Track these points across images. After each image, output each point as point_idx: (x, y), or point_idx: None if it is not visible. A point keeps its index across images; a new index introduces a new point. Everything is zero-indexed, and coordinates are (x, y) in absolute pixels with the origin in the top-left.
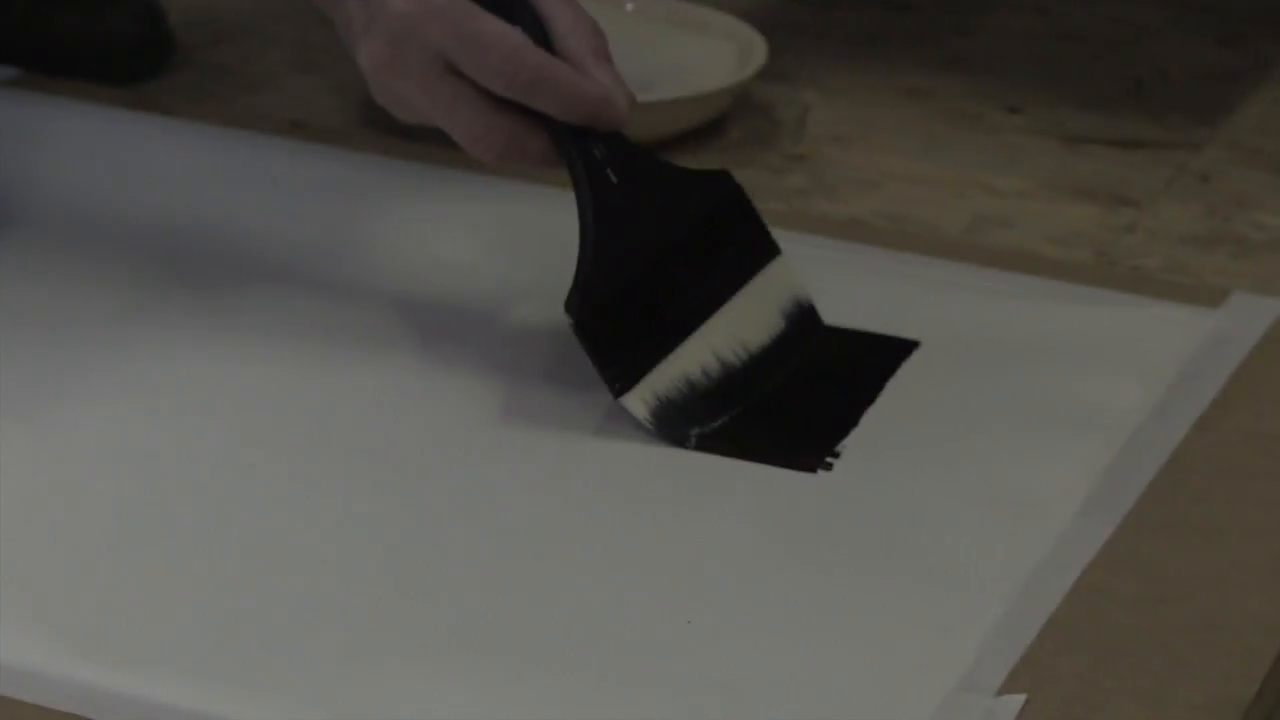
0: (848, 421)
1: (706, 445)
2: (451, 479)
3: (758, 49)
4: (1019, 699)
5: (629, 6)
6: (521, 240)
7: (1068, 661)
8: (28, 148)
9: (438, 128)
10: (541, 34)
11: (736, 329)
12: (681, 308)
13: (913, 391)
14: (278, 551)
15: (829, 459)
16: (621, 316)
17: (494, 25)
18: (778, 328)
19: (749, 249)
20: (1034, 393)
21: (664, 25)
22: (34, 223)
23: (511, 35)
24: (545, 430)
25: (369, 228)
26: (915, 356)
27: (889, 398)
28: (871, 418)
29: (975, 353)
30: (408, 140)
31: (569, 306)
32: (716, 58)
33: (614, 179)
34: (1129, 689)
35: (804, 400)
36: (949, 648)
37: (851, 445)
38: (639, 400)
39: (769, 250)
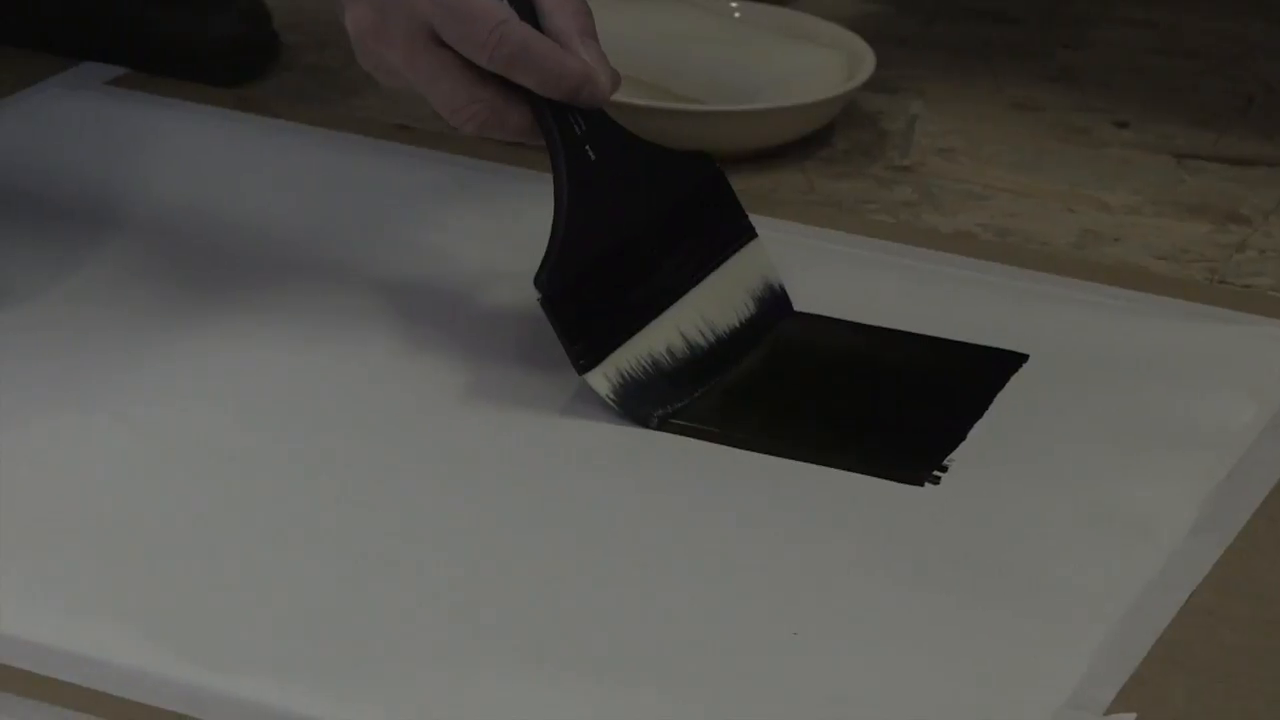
0: (956, 435)
1: (668, 427)
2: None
3: (866, 60)
4: (1128, 718)
5: (736, 14)
6: None
7: (1177, 682)
8: (132, 147)
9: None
10: (529, 9)
11: (705, 310)
12: (652, 287)
13: (1021, 406)
14: (374, 554)
15: (937, 472)
16: (591, 293)
17: None
18: (747, 311)
19: (724, 231)
20: (1143, 409)
21: (772, 34)
22: (137, 221)
23: (496, 9)
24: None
25: (477, 230)
26: (1024, 370)
27: (997, 411)
28: (980, 431)
29: (1084, 368)
30: (511, 146)
31: (538, 281)
32: (824, 68)
33: (592, 156)
34: (1238, 710)
35: (912, 413)
36: (1057, 666)
37: (959, 459)
38: (603, 377)
39: (744, 233)
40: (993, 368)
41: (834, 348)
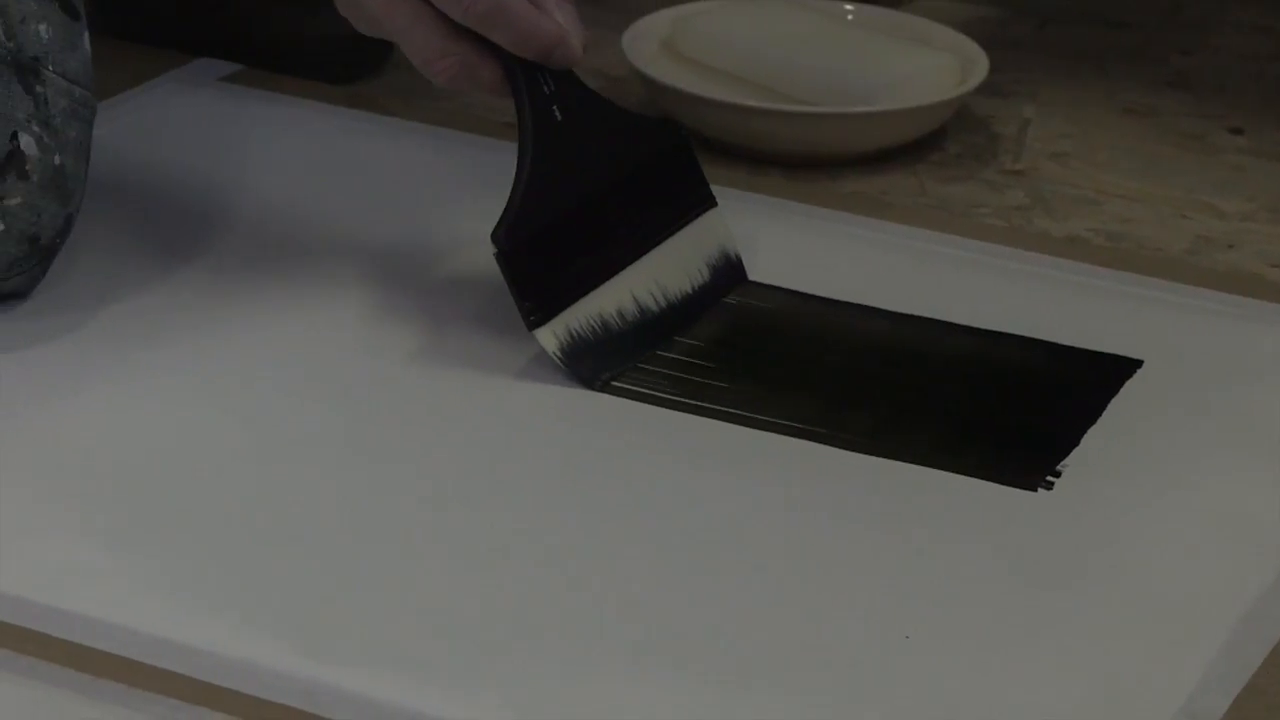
0: (1070, 441)
1: (614, 390)
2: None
3: (979, 63)
4: None
5: (849, 17)
6: None
7: None
8: (245, 143)
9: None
10: None
11: (659, 274)
12: (608, 249)
13: (1135, 411)
14: (486, 551)
15: (1050, 477)
16: (547, 251)
17: None
18: (701, 278)
19: (685, 198)
20: (1257, 416)
21: (885, 37)
22: (247, 217)
23: None
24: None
25: None
26: (1137, 376)
27: (1111, 417)
28: (1093, 437)
29: (1198, 374)
30: None
31: (495, 236)
32: (937, 71)
33: (558, 116)
34: None
35: (1025, 418)
36: (1170, 674)
37: (1073, 465)
38: (551, 335)
39: (705, 201)
40: (1106, 373)
41: (947, 351)
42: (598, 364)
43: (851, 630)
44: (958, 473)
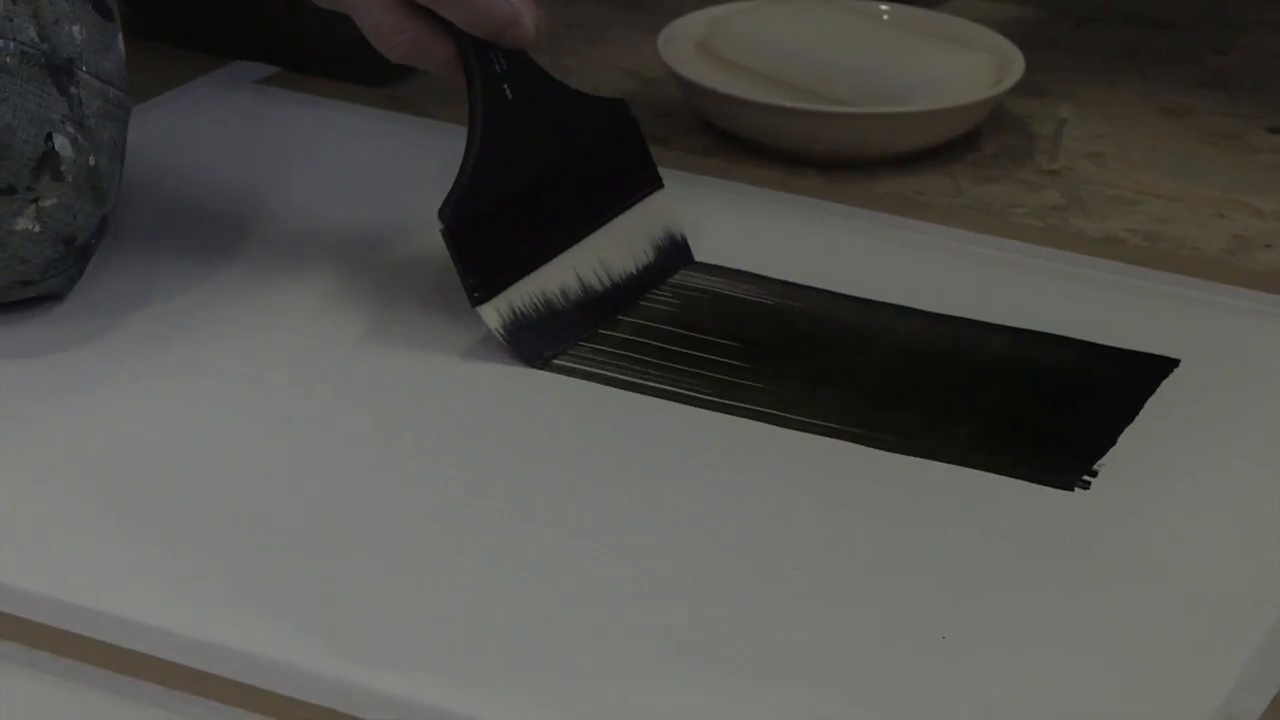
0: (1106, 440)
1: (555, 368)
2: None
3: (1015, 63)
4: None
5: (885, 17)
6: None
7: None
8: (282, 145)
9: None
10: None
11: (603, 254)
12: (555, 228)
13: (1172, 410)
14: (523, 551)
15: (1086, 477)
16: (493, 228)
17: None
18: (646, 258)
19: (632, 178)
20: None
21: (921, 37)
22: (285, 218)
23: None
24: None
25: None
26: (1174, 376)
27: (1148, 417)
28: (1130, 436)
29: (1236, 374)
30: (659, 145)
31: (442, 213)
32: (973, 71)
33: (509, 95)
34: None
35: (1061, 417)
36: (1208, 673)
37: (1109, 464)
38: (494, 311)
39: (652, 182)
40: (1143, 372)
41: (983, 351)
42: (540, 342)
43: (887, 631)
44: (994, 472)
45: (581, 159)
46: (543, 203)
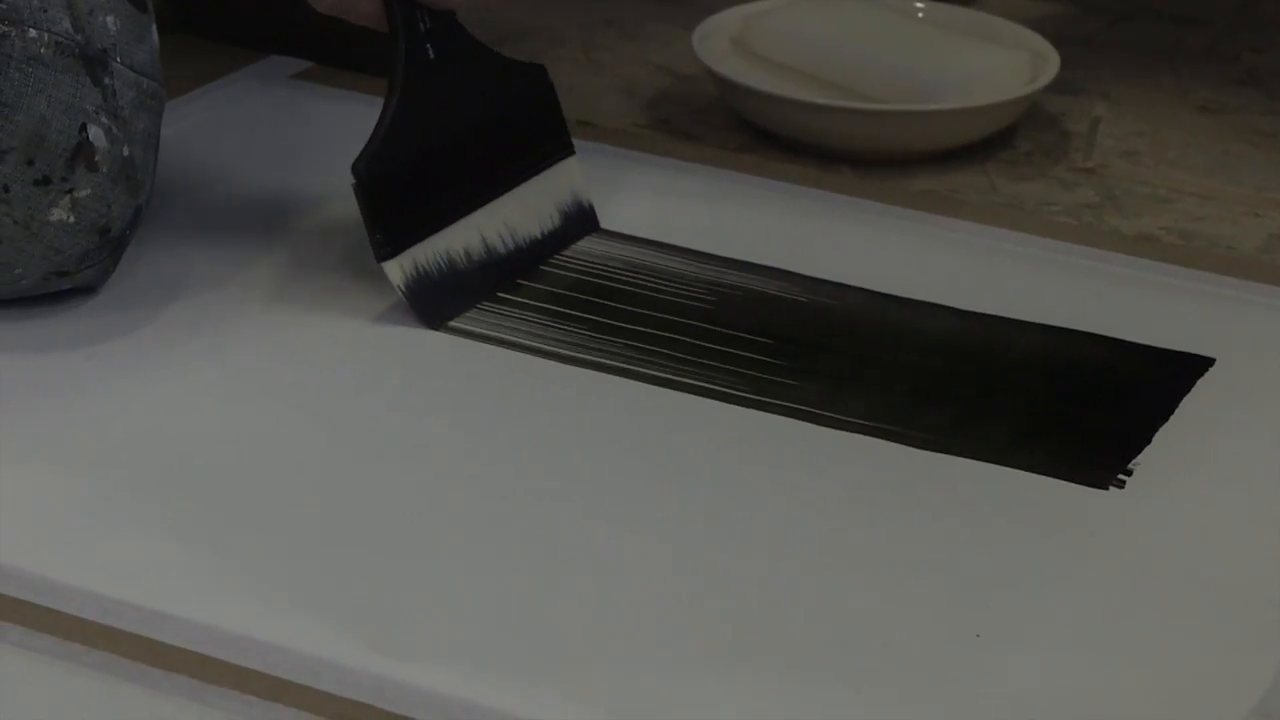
0: (1141, 438)
1: (451, 330)
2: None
3: (1050, 61)
4: None
5: (920, 14)
6: None
7: None
8: (317, 139)
9: None
10: None
11: (509, 217)
12: (465, 189)
13: (1207, 409)
14: (563, 547)
15: (1122, 476)
16: (405, 186)
17: None
18: (551, 223)
19: (545, 144)
20: None
21: (956, 34)
22: (321, 212)
23: None
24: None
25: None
26: (1209, 374)
27: (1183, 415)
28: (1165, 435)
29: (1272, 372)
30: (694, 142)
31: (355, 168)
32: (1008, 68)
33: (431, 55)
34: None
35: (1097, 415)
36: (1243, 673)
37: (1144, 463)
38: (398, 268)
39: (564, 149)
40: (1179, 371)
41: (1018, 349)
42: (440, 302)
43: (921, 628)
44: (1028, 471)
45: (497, 122)
46: (455, 163)
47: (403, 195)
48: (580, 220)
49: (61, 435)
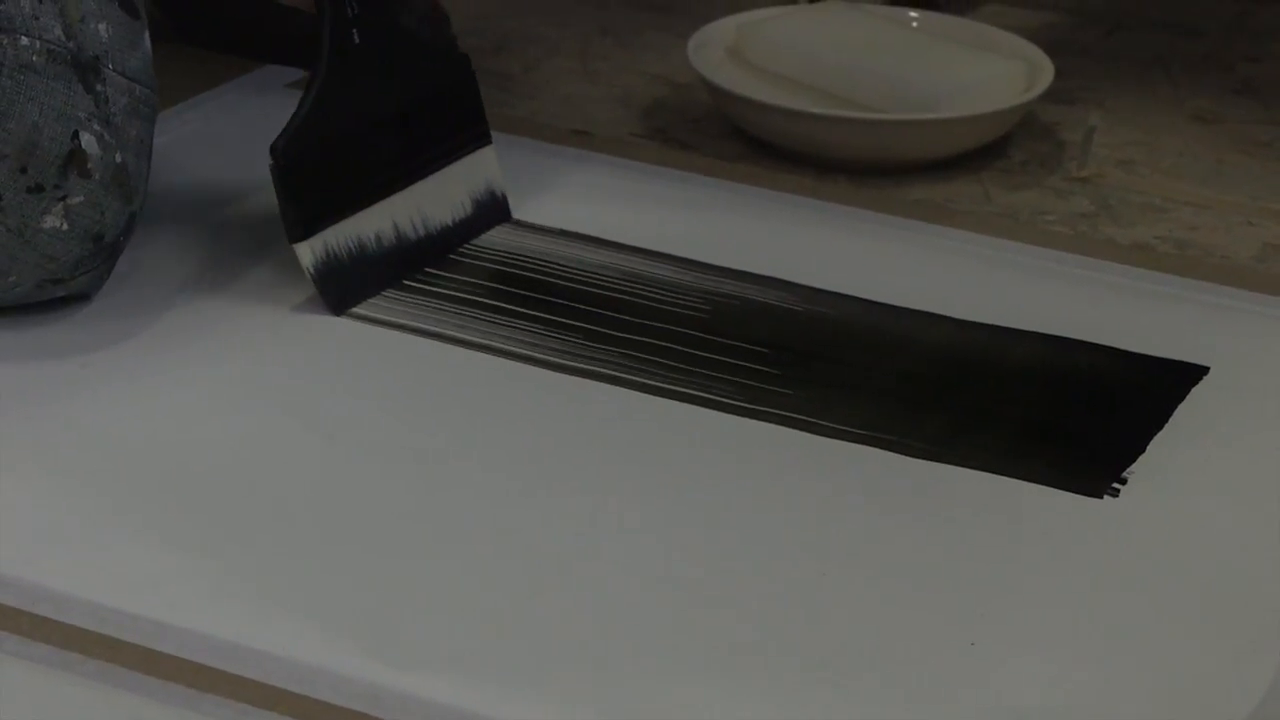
0: (1135, 447)
1: (354, 316)
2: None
3: (1045, 70)
4: None
5: (915, 24)
6: None
7: None
8: None
9: None
10: None
11: (422, 204)
12: (381, 174)
13: (1202, 418)
14: (557, 555)
15: (1116, 485)
16: (322, 169)
17: None
18: (464, 211)
19: (463, 132)
20: None
21: (951, 43)
22: None
23: None
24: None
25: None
26: (1204, 383)
27: (1177, 424)
28: (1159, 444)
29: (1266, 381)
30: (689, 151)
31: (273, 149)
32: (1003, 78)
33: (356, 39)
34: None
35: (1091, 424)
36: (1238, 682)
37: (1139, 471)
38: (309, 250)
39: (480, 138)
40: (1173, 380)
41: (1013, 357)
42: (347, 287)
43: (915, 636)
44: (1023, 479)
45: (416, 109)
46: (373, 148)
47: (319, 177)
48: (493, 210)
49: (58, 444)
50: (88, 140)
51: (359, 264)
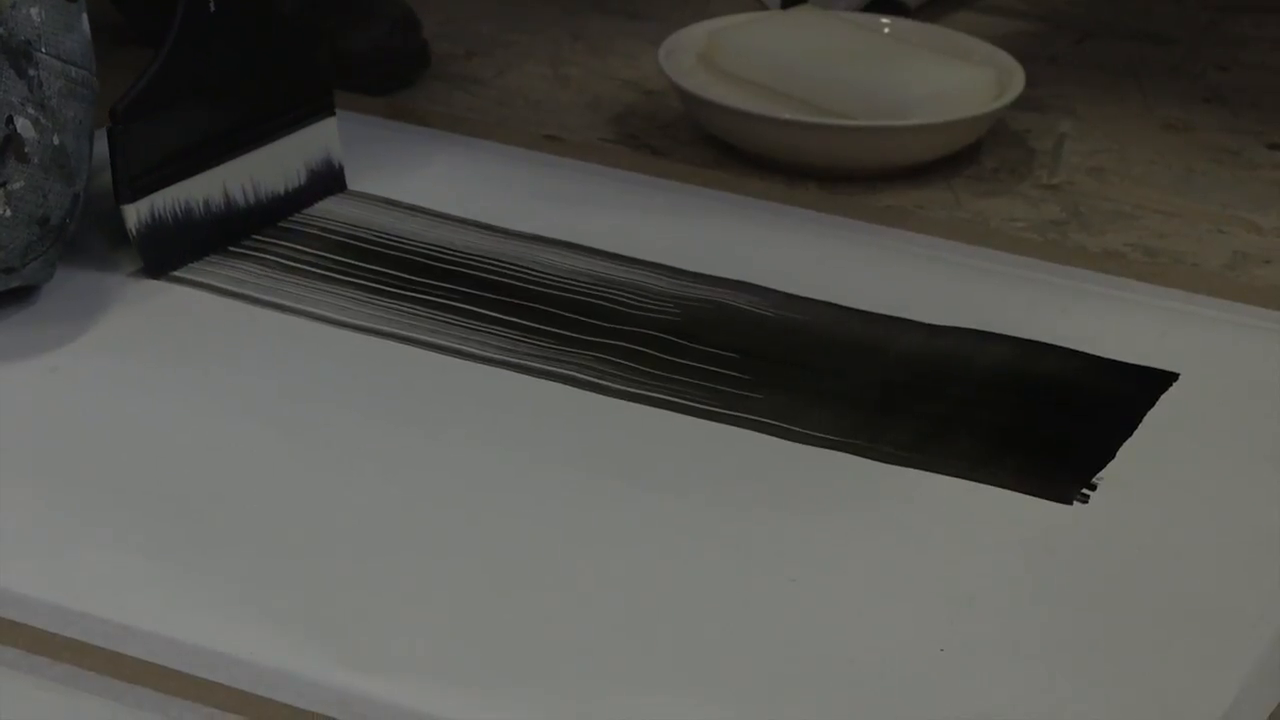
0: (1105, 453)
1: (176, 279)
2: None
3: (1016, 77)
4: None
5: (887, 31)
6: None
7: None
8: None
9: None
10: None
11: (256, 171)
12: (219, 140)
13: (1171, 424)
14: (526, 562)
15: (1085, 490)
16: (161, 133)
17: None
18: (297, 180)
19: (306, 103)
20: None
21: (922, 51)
22: (290, 224)
23: None
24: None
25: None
26: (1173, 389)
27: (1146, 430)
28: (1129, 449)
29: (1234, 388)
30: (660, 157)
31: (114, 110)
32: (974, 85)
33: (212, 8)
34: None
35: (1060, 430)
36: (1208, 686)
37: (1108, 477)
38: (134, 211)
39: (324, 109)
40: (1142, 386)
41: (983, 363)
42: (170, 250)
43: (885, 643)
44: (993, 485)
45: (264, 78)
46: (214, 114)
47: (157, 141)
48: (327, 180)
49: (21, 446)
50: (23, 125)
51: (184, 228)
